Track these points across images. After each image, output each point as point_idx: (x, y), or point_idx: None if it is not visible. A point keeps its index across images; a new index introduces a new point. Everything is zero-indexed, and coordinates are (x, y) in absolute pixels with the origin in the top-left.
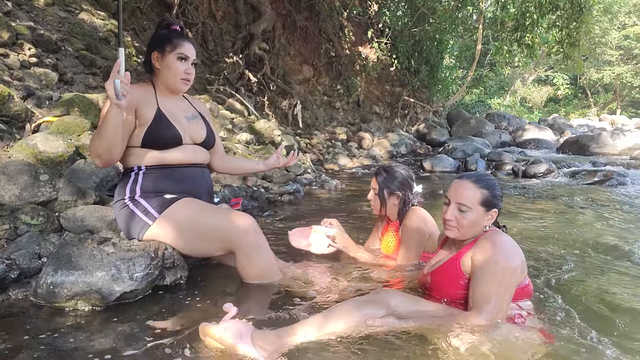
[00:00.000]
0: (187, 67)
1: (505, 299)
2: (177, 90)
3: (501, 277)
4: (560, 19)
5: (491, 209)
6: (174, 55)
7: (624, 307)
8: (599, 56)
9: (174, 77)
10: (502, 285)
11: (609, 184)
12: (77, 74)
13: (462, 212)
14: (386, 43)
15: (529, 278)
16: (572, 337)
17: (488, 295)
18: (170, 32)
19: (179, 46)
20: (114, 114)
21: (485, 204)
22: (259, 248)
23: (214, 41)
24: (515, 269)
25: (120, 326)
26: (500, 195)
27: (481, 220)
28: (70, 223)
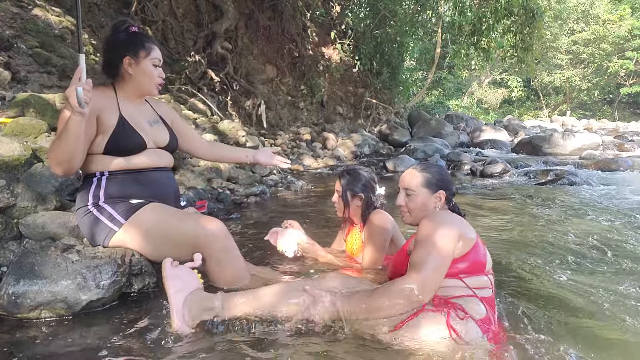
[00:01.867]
0: (160, 72)
1: (435, 265)
2: (151, 94)
3: (430, 244)
4: (515, 25)
5: (436, 190)
6: (149, 60)
7: (567, 304)
8: (550, 60)
9: (150, 83)
10: (431, 253)
11: (561, 183)
12: (31, 72)
13: (409, 197)
14: (349, 44)
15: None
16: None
17: (417, 260)
18: (136, 35)
19: (152, 51)
20: (75, 123)
21: (429, 186)
22: (228, 253)
23: (174, 39)
24: (444, 237)
25: (88, 336)
26: (445, 179)
27: (428, 202)
28: (31, 230)
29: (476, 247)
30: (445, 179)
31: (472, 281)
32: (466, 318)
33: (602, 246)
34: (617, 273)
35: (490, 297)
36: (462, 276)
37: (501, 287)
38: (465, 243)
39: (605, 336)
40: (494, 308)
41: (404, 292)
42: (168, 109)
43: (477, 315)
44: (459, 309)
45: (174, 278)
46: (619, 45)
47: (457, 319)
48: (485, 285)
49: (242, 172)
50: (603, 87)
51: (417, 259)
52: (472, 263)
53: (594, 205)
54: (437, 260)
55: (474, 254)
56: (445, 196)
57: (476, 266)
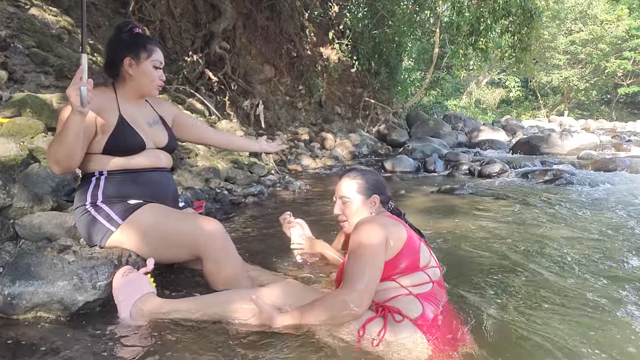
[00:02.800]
0: (161, 74)
1: (365, 272)
2: (151, 95)
3: (359, 253)
4: (513, 25)
5: (370, 195)
6: (150, 62)
7: (561, 303)
8: (548, 60)
9: (151, 84)
10: (360, 260)
11: (559, 183)
12: (28, 72)
13: (345, 204)
14: (347, 44)
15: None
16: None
17: (349, 271)
18: (139, 37)
19: (154, 53)
20: (75, 122)
21: (362, 192)
22: (227, 253)
23: (172, 39)
24: (371, 242)
25: (84, 337)
26: (379, 184)
27: (363, 208)
28: (27, 230)
29: (408, 244)
30: (378, 184)
31: (406, 280)
32: (402, 320)
33: (600, 246)
34: (614, 273)
35: (429, 292)
36: (395, 277)
37: (497, 287)
38: (395, 244)
39: (602, 336)
40: (434, 301)
41: (340, 306)
42: (169, 106)
43: (414, 314)
44: (395, 311)
45: (122, 287)
46: (617, 45)
47: (394, 322)
48: (422, 281)
49: (240, 172)
50: (601, 87)
51: (349, 270)
52: (405, 263)
53: (591, 206)
54: (368, 269)
55: (405, 253)
56: (380, 200)
57: (410, 265)
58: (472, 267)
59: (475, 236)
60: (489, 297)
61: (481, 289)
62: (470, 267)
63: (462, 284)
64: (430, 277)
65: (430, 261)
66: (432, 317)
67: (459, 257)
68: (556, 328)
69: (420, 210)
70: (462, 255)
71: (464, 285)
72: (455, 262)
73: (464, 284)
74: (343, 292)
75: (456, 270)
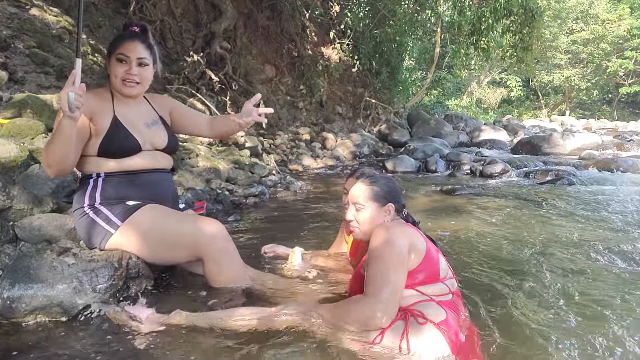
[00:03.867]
0: (127, 68)
1: (391, 279)
2: (124, 94)
3: (383, 259)
4: (514, 24)
5: (385, 203)
6: (114, 57)
7: (563, 305)
8: (549, 60)
9: (115, 80)
10: (384, 267)
11: (560, 183)
12: (28, 73)
13: (358, 211)
14: (348, 44)
15: (434, 262)
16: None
17: (374, 279)
18: (121, 34)
19: (118, 47)
20: (66, 126)
21: (377, 199)
22: (228, 254)
23: (173, 39)
24: (395, 248)
25: (84, 340)
26: (394, 192)
27: (377, 216)
28: (27, 233)
29: (428, 256)
30: (393, 191)
31: (428, 290)
32: (425, 323)
33: (602, 247)
34: (616, 274)
35: (450, 301)
36: (417, 287)
37: (497, 289)
38: (417, 254)
39: (606, 339)
40: (456, 310)
41: (367, 315)
42: (166, 100)
43: (437, 319)
44: (418, 315)
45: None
46: (618, 44)
47: (417, 324)
48: (442, 292)
49: (241, 172)
50: (602, 87)
51: (373, 278)
52: (425, 273)
53: (593, 206)
54: (393, 276)
55: (426, 264)
56: (395, 208)
57: (430, 276)
58: (473, 268)
59: (476, 237)
60: (492, 298)
61: (483, 290)
62: (471, 268)
63: (465, 286)
64: (450, 289)
65: (448, 273)
66: (454, 324)
67: (460, 257)
68: (561, 330)
69: (421, 210)
70: (464, 256)
71: (466, 286)
72: (457, 263)
73: (467, 285)
74: (369, 301)
75: (458, 271)
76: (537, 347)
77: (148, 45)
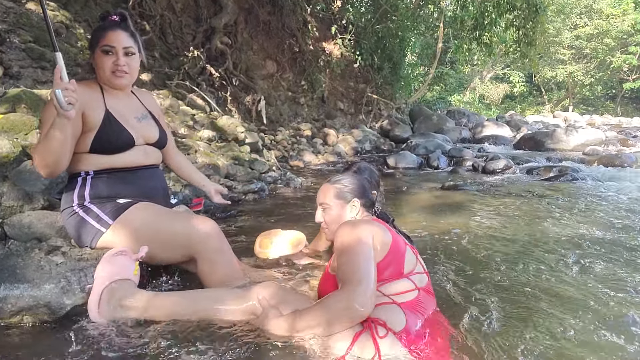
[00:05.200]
0: (115, 59)
1: (362, 267)
2: (115, 86)
3: (351, 250)
4: (517, 19)
5: (350, 199)
6: (99, 49)
7: (566, 301)
8: (552, 55)
9: (104, 73)
10: (354, 257)
11: (564, 179)
12: (24, 67)
13: (325, 211)
14: (350, 39)
15: (399, 256)
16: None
17: (345, 271)
18: (101, 25)
19: (101, 38)
20: (61, 125)
21: (341, 197)
22: (222, 254)
23: (173, 34)
24: (360, 238)
25: (71, 342)
26: (359, 187)
27: (343, 213)
28: (16, 230)
29: (393, 249)
30: (358, 188)
31: (389, 288)
32: (385, 336)
33: (606, 243)
34: (619, 272)
35: (413, 301)
36: (379, 284)
37: (499, 284)
38: (382, 246)
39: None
40: (419, 310)
41: (344, 307)
42: (155, 102)
43: (398, 327)
44: (380, 324)
45: (105, 263)
46: (622, 40)
47: (378, 337)
48: (405, 289)
49: (240, 168)
50: (606, 82)
51: (344, 271)
52: (390, 269)
53: (597, 202)
54: (364, 264)
55: (391, 258)
56: (361, 203)
57: (394, 271)
58: (474, 265)
59: (478, 234)
60: (488, 295)
61: (483, 287)
62: (472, 265)
63: (465, 283)
64: (416, 284)
65: (416, 267)
66: (417, 328)
67: (462, 254)
68: (557, 330)
69: (423, 207)
70: (465, 253)
71: (467, 283)
72: (458, 260)
73: (467, 282)
74: (346, 290)
75: (459, 268)
76: (535, 345)
77: (131, 33)
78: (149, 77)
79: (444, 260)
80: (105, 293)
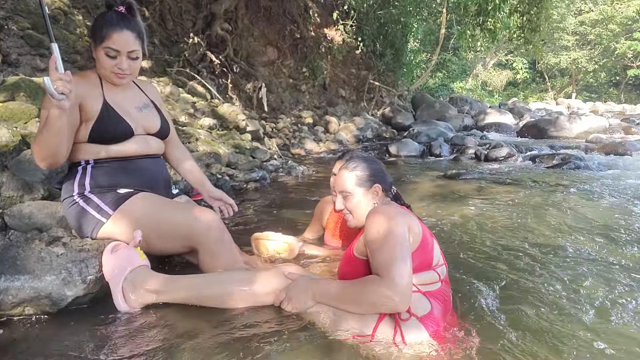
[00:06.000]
0: (117, 62)
1: (402, 260)
2: (114, 84)
3: (389, 245)
4: (522, 5)
5: (371, 185)
6: (102, 49)
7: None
8: (556, 41)
9: (104, 71)
10: (392, 249)
11: (567, 167)
12: (22, 55)
13: (346, 199)
14: (351, 25)
15: (429, 248)
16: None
17: (383, 262)
18: (109, 17)
19: (106, 39)
20: (55, 116)
21: (363, 184)
22: (223, 244)
23: (173, 20)
24: (398, 232)
25: (73, 334)
26: (378, 172)
27: (366, 200)
28: (16, 221)
29: (424, 241)
30: (378, 172)
31: (416, 279)
32: (408, 319)
33: (609, 231)
34: (620, 261)
35: (437, 291)
36: None
37: (501, 273)
38: (415, 238)
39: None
40: (442, 301)
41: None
42: (156, 92)
43: (421, 312)
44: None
45: (110, 260)
46: (627, 26)
47: (401, 320)
48: (432, 280)
49: (241, 157)
50: (610, 69)
51: (385, 264)
52: (420, 260)
53: (600, 190)
54: (402, 257)
55: (422, 249)
56: (382, 188)
57: (424, 262)
58: (476, 254)
59: (481, 222)
60: (493, 285)
61: (485, 277)
62: (475, 254)
63: (467, 272)
64: (440, 276)
65: (440, 259)
66: (440, 316)
67: (464, 243)
68: (558, 321)
69: (425, 195)
70: (467, 242)
71: (468, 273)
72: (460, 249)
73: (469, 271)
74: (386, 283)
75: (461, 257)
76: (533, 338)
77: (138, 33)
78: (149, 64)
79: (445, 249)
80: (126, 286)
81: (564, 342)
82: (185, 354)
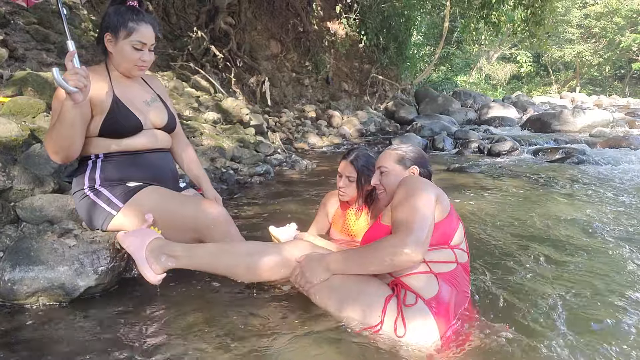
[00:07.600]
0: (142, 54)
1: (420, 221)
2: (132, 76)
3: (413, 200)
4: None
5: (409, 165)
6: (129, 42)
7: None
8: (560, 34)
9: (127, 65)
10: (414, 207)
11: (570, 161)
12: (29, 49)
13: (382, 174)
14: (355, 19)
15: (453, 225)
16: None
17: (402, 217)
18: (126, 11)
19: (134, 32)
20: (68, 108)
21: (401, 162)
22: (230, 238)
23: (176, 14)
24: (426, 195)
25: (86, 322)
26: (420, 157)
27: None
28: (28, 213)
29: (449, 217)
30: (419, 156)
31: (431, 255)
32: (413, 304)
33: (611, 226)
34: (623, 255)
35: (450, 273)
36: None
37: (504, 266)
38: (441, 210)
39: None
40: (453, 283)
41: (397, 249)
42: (162, 86)
43: (428, 295)
44: (411, 290)
45: (129, 238)
46: (632, 19)
47: (404, 305)
48: (446, 259)
49: (246, 151)
50: (614, 63)
51: (403, 218)
52: (440, 233)
53: (603, 184)
54: (423, 214)
55: (445, 224)
56: (419, 172)
57: (442, 237)
58: (480, 247)
59: (483, 216)
60: (497, 278)
61: (488, 270)
62: (478, 248)
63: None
64: (457, 258)
65: (462, 243)
66: (447, 299)
67: (467, 236)
68: (562, 313)
69: None
70: (470, 235)
71: (470, 266)
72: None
73: (471, 265)
74: (401, 234)
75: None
76: (535, 332)
77: (156, 26)
78: (153, 58)
79: None
80: (149, 254)
81: (574, 337)
82: (193, 344)
